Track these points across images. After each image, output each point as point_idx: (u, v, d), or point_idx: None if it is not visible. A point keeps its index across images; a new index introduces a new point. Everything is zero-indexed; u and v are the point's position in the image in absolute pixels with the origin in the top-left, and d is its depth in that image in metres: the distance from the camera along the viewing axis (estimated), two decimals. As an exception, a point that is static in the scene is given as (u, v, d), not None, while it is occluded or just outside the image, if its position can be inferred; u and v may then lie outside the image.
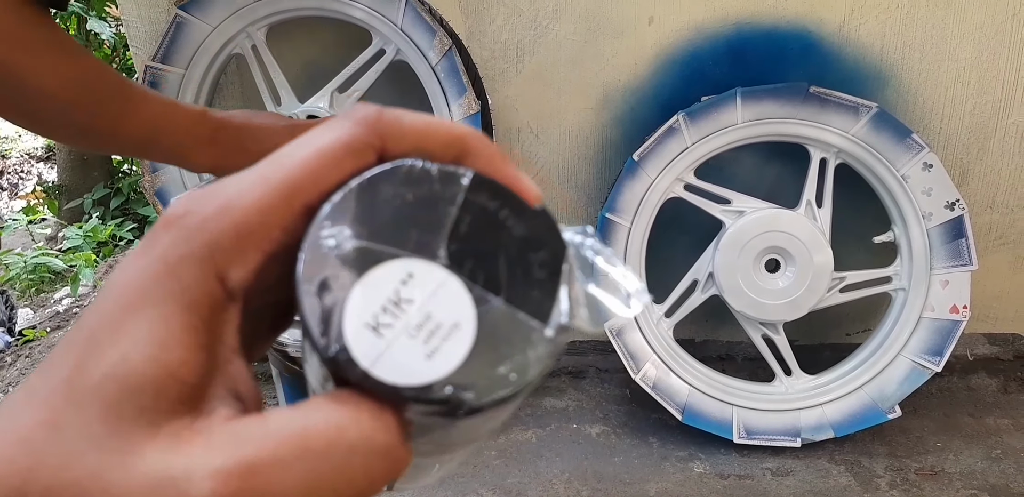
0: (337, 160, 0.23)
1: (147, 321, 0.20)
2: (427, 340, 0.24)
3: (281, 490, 0.19)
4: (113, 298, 0.21)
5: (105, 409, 0.20)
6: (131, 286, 0.21)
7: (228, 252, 0.22)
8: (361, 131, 0.24)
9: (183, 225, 0.22)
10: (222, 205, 0.22)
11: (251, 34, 1.91)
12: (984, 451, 1.94)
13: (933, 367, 1.91)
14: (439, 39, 1.78)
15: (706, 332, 2.29)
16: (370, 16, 1.83)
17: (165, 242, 0.22)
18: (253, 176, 0.23)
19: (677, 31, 1.97)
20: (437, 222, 0.25)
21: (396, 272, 0.24)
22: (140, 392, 0.20)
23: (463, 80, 1.79)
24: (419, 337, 0.24)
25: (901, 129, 1.87)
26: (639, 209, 1.93)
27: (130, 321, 0.20)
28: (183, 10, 1.88)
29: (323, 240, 0.23)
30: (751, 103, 1.87)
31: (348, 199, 0.24)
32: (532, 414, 2.12)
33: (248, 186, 0.22)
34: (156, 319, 0.20)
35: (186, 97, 1.94)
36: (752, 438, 1.94)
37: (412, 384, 0.23)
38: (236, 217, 0.22)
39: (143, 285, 0.21)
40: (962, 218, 1.89)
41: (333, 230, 0.23)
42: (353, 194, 0.24)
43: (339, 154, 0.23)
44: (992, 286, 2.21)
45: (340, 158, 0.23)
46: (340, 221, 0.24)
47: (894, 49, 1.96)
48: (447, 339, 0.24)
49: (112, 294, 0.21)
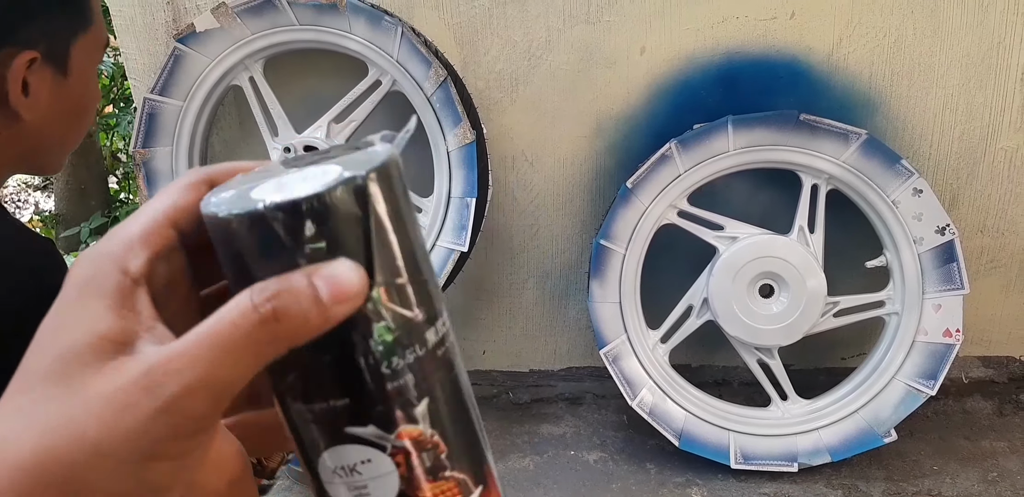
0: (181, 190, 0.33)
1: (83, 308, 0.30)
2: None
3: (185, 377, 0.28)
4: (63, 295, 0.31)
5: (62, 370, 0.29)
6: (71, 286, 0.31)
7: (125, 253, 0.31)
8: (193, 174, 0.34)
9: (96, 248, 0.31)
10: (117, 231, 0.32)
11: (249, 66, 1.94)
12: (980, 474, 1.95)
13: (928, 390, 1.92)
14: (434, 70, 1.81)
15: (702, 357, 2.30)
16: (366, 48, 1.86)
17: (89, 256, 0.31)
18: (133, 215, 0.33)
19: (669, 60, 2.00)
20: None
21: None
22: (84, 353, 0.29)
23: (458, 110, 1.81)
24: None
25: (891, 155, 1.90)
26: (633, 236, 1.95)
27: (72, 310, 0.30)
28: (181, 43, 1.91)
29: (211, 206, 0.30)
30: (742, 131, 1.90)
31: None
32: (529, 441, 2.12)
33: (131, 219, 0.32)
34: (88, 306, 0.30)
35: (184, 128, 1.97)
36: (749, 463, 1.94)
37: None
38: (127, 232, 0.31)
39: (78, 284, 0.30)
40: (953, 242, 1.91)
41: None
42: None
43: (182, 186, 0.33)
44: (985, 309, 2.22)
45: (183, 188, 0.33)
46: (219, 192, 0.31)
47: (883, 76, 2.00)
48: None
49: (64, 292, 0.31)
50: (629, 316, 1.98)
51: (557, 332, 2.30)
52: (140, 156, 1.97)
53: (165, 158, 1.98)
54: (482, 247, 2.15)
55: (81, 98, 0.80)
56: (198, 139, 2.00)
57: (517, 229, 2.18)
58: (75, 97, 0.79)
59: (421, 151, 1.95)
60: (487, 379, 2.35)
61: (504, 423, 2.20)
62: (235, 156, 2.13)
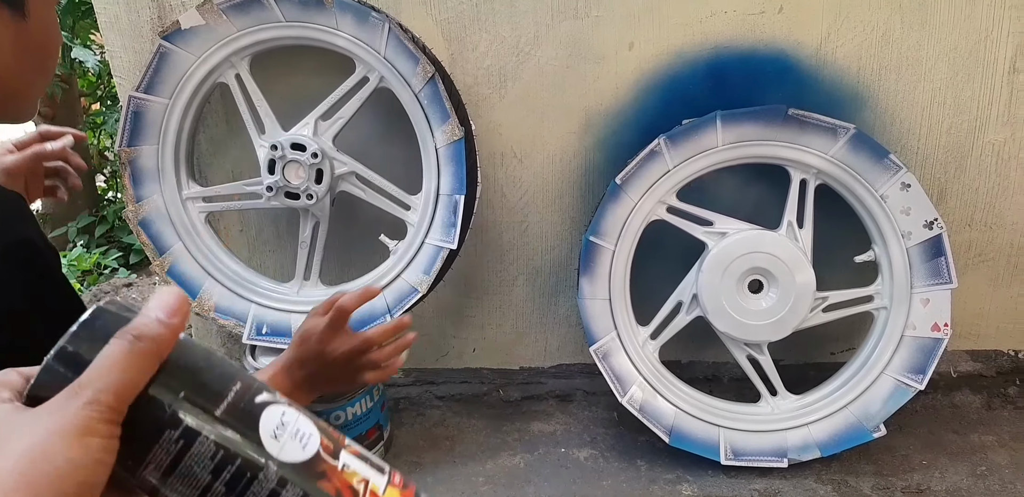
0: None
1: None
2: None
3: (99, 383, 0.40)
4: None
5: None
6: None
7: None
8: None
9: None
10: None
11: (235, 64, 1.93)
12: (969, 468, 1.95)
13: (916, 385, 1.93)
14: (422, 66, 1.80)
15: (692, 353, 2.30)
16: (353, 44, 1.85)
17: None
18: None
19: (657, 56, 1.99)
20: None
21: None
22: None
23: (446, 107, 1.80)
24: None
25: (879, 150, 1.90)
26: (623, 232, 1.94)
27: None
28: (167, 41, 1.89)
29: None
30: (731, 126, 1.89)
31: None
32: (520, 439, 2.11)
33: None
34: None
35: (170, 126, 1.95)
36: (739, 459, 1.94)
37: None
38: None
39: None
40: (941, 237, 1.91)
41: None
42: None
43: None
44: (973, 303, 2.23)
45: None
46: None
47: (871, 71, 2.00)
48: None
49: None
50: (619, 313, 1.97)
51: (547, 329, 2.30)
52: (126, 155, 1.95)
53: (151, 156, 1.96)
54: (471, 244, 2.15)
55: (43, 39, 0.79)
56: (184, 137, 1.98)
57: (506, 226, 2.17)
58: (37, 39, 0.78)
59: (409, 148, 1.93)
60: (477, 377, 2.35)
61: (494, 421, 2.19)
62: (222, 154, 2.12)
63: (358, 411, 1.90)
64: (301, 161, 1.87)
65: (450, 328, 2.29)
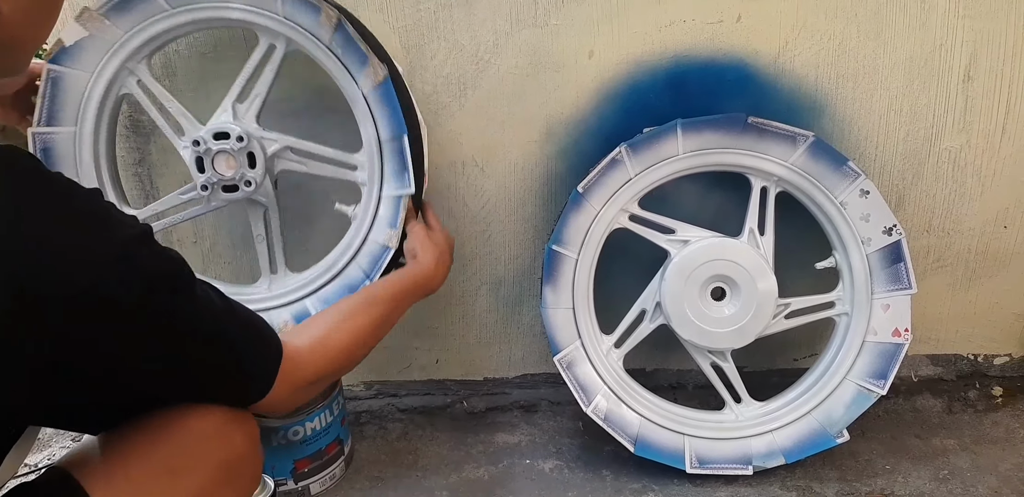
0: None
1: None
2: None
3: None
4: None
5: None
6: None
7: None
8: None
9: None
10: None
11: (133, 69, 1.81)
12: (932, 472, 1.97)
13: (878, 390, 1.94)
14: (324, 14, 1.69)
15: (656, 361, 2.29)
16: (248, 13, 1.73)
17: None
18: None
19: (617, 64, 1.99)
20: None
21: None
22: None
23: (362, 48, 1.70)
24: None
25: (837, 157, 1.91)
26: (585, 240, 1.94)
27: None
28: (54, 63, 1.76)
29: None
30: (691, 134, 1.90)
31: None
32: (484, 451, 2.09)
33: None
34: None
35: (83, 155, 1.82)
36: (705, 468, 1.94)
37: None
38: None
39: None
40: (900, 243, 1.93)
41: None
42: None
43: None
44: (932, 308, 2.25)
45: None
46: None
47: (828, 79, 2.01)
48: None
49: None
50: (583, 322, 1.96)
51: (511, 339, 2.28)
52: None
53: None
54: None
55: None
56: (103, 163, 1.86)
57: (468, 236, 2.15)
58: None
59: (339, 107, 1.84)
60: (441, 389, 2.32)
61: (459, 433, 2.17)
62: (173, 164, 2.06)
63: (317, 426, 1.86)
64: (228, 149, 1.77)
65: (413, 339, 2.26)
